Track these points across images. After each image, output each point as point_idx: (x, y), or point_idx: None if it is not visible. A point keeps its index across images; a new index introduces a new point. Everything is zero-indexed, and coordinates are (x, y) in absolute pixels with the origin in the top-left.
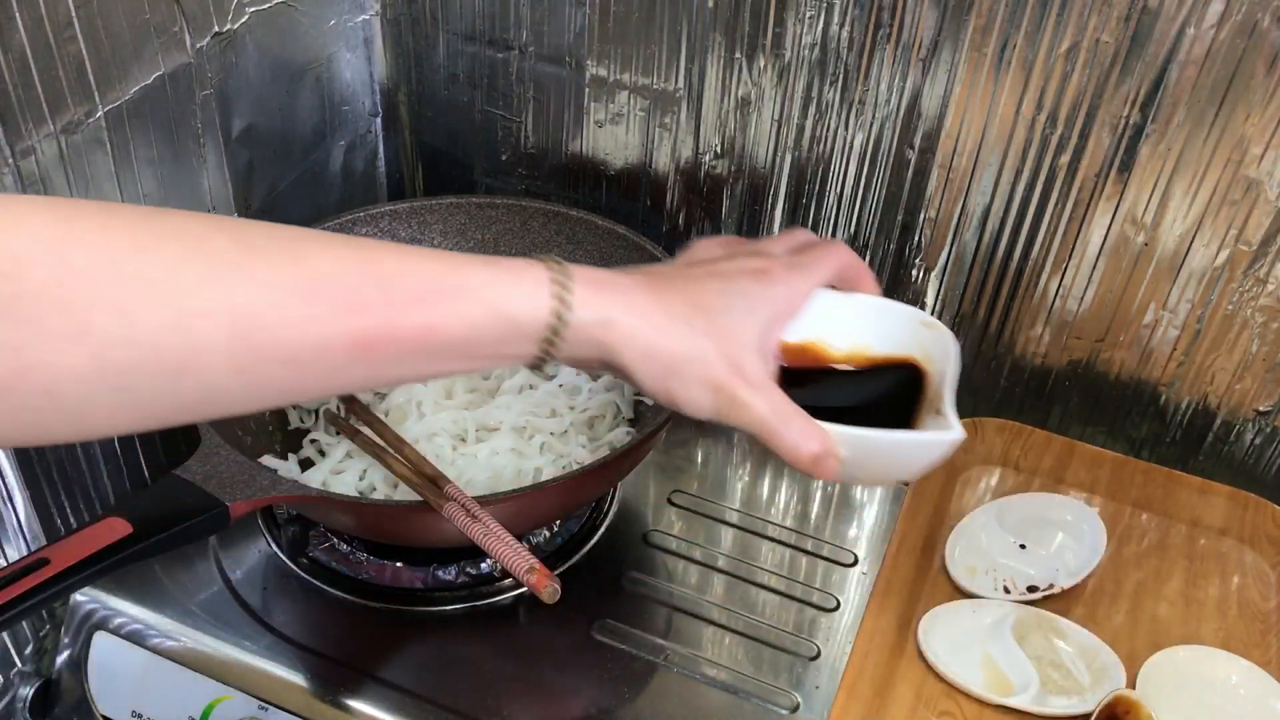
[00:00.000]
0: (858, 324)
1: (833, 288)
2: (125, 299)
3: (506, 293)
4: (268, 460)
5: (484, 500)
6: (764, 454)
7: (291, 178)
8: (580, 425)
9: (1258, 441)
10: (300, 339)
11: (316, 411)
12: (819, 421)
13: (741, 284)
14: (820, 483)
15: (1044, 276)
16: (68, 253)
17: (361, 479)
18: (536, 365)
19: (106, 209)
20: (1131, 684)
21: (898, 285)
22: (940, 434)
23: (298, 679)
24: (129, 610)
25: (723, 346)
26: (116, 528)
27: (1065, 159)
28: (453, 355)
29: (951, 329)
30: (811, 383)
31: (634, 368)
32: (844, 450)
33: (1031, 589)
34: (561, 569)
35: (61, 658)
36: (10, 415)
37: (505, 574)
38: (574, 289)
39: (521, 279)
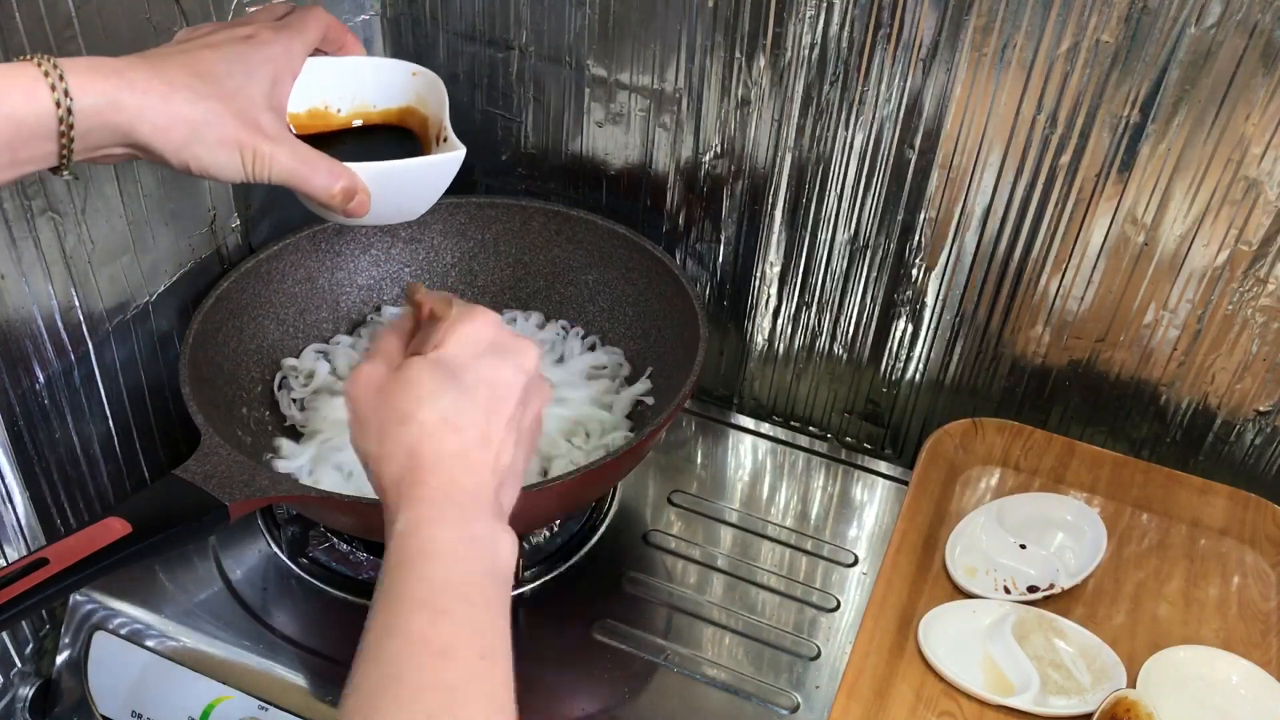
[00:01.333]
0: (354, 84)
1: (322, 54)
2: None
3: (2, 95)
4: (278, 460)
5: None
6: (764, 455)
7: None
8: (572, 427)
9: (1258, 441)
10: None
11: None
12: (340, 162)
13: (235, 49)
14: (820, 482)
15: (1044, 276)
16: None
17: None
18: (61, 167)
19: None
20: (1132, 684)
21: (898, 285)
22: (447, 154)
23: (298, 679)
24: (129, 610)
25: (233, 106)
26: (116, 528)
27: (1065, 159)
28: None
29: (952, 329)
30: (325, 146)
31: (154, 142)
32: (370, 184)
33: (1032, 589)
34: (561, 569)
35: (61, 658)
36: None
37: None
38: (69, 79)
39: (16, 79)
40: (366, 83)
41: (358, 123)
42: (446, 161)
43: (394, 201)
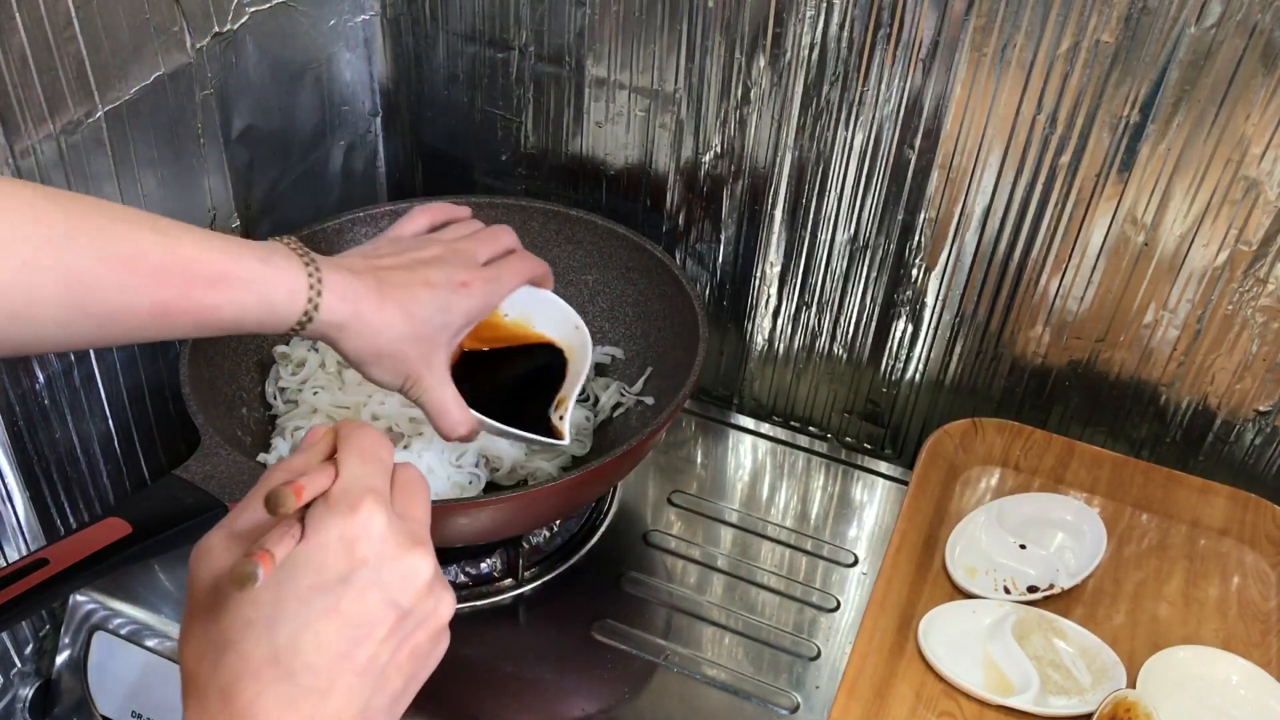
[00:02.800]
0: (529, 305)
1: None
2: None
3: (273, 290)
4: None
5: (485, 501)
6: (764, 455)
7: (291, 178)
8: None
9: (1258, 442)
10: (118, 302)
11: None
12: (470, 411)
13: (447, 297)
14: (820, 482)
15: (1044, 276)
16: None
17: None
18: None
19: None
20: (1132, 684)
21: (898, 285)
22: (552, 441)
23: None
24: (129, 610)
25: (421, 349)
26: (116, 528)
27: (1065, 159)
28: (219, 329)
29: (952, 329)
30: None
31: (348, 353)
32: (484, 430)
33: (1032, 589)
34: (561, 569)
35: (61, 658)
36: None
37: (506, 573)
38: (324, 294)
39: (286, 277)
40: (538, 308)
41: (510, 317)
42: (548, 444)
43: (501, 444)
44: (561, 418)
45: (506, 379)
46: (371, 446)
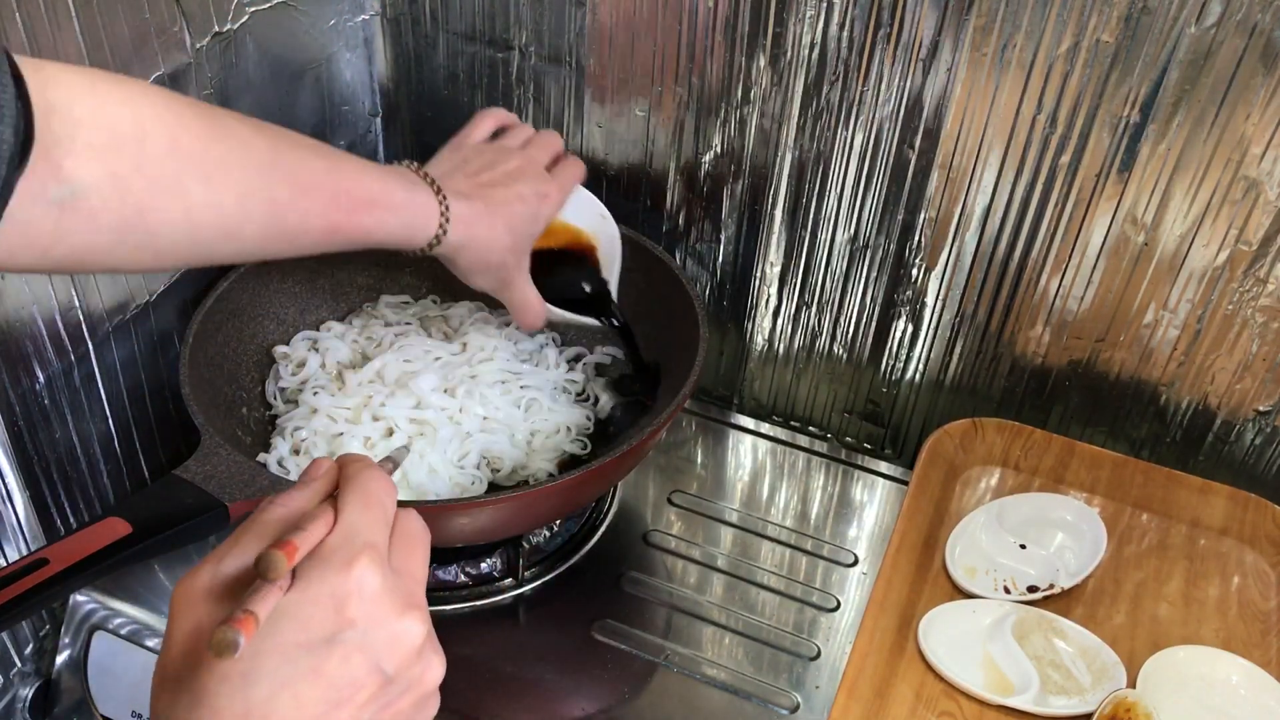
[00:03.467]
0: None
1: None
2: (210, 175)
3: (416, 214)
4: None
5: (486, 501)
6: (764, 455)
7: None
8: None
9: (1258, 441)
10: (301, 221)
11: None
12: (546, 304)
13: (535, 208)
14: (820, 482)
15: (1044, 276)
16: (178, 133)
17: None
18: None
19: (192, 102)
20: (1132, 684)
21: (898, 285)
22: (598, 321)
23: None
24: (129, 610)
25: (516, 257)
26: (116, 528)
27: (1065, 159)
28: (371, 243)
29: (952, 329)
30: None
31: (461, 265)
32: (552, 319)
33: (1032, 589)
34: (561, 569)
35: (61, 658)
36: (125, 250)
37: (506, 573)
38: (452, 219)
39: (425, 205)
40: (570, 200)
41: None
42: (596, 327)
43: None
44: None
45: (557, 271)
46: (375, 492)
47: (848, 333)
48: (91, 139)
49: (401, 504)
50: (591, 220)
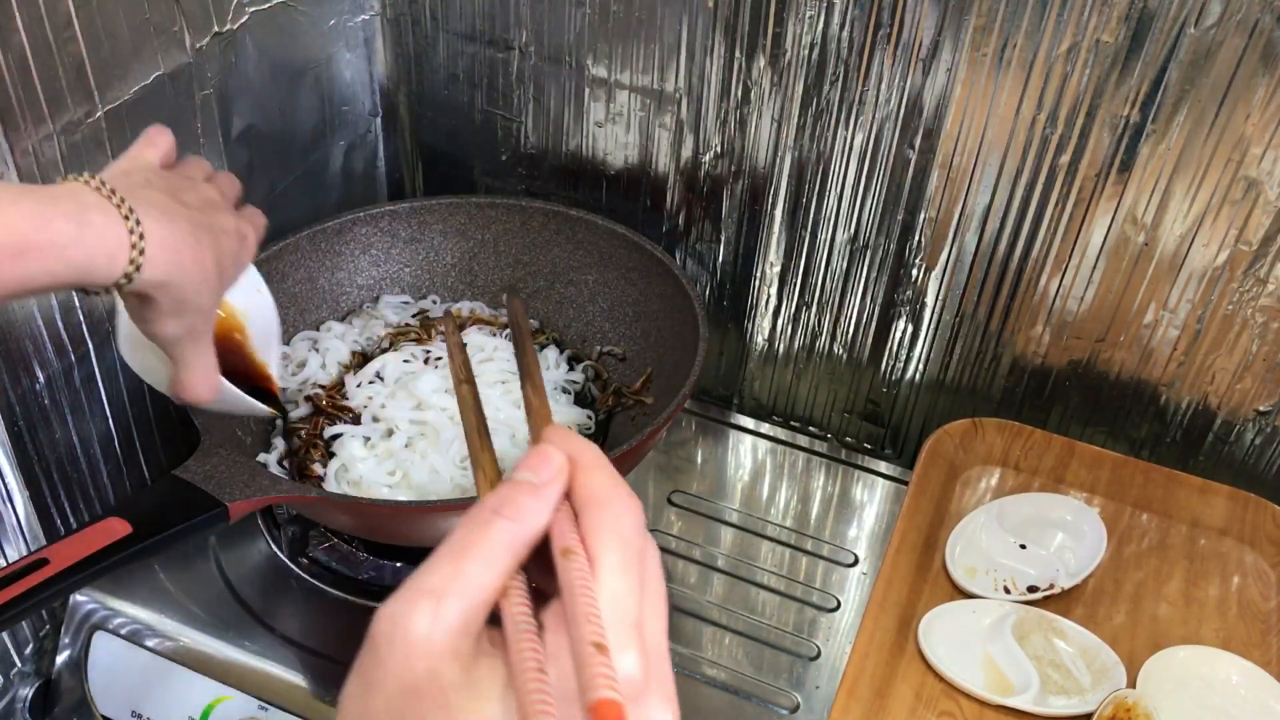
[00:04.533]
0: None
1: None
2: None
3: (90, 255)
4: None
5: None
6: (764, 455)
7: (291, 178)
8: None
9: (1258, 441)
10: None
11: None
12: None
13: (236, 249)
14: (820, 482)
15: (1044, 276)
16: None
17: (393, 474)
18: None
19: None
20: (1132, 684)
21: (898, 285)
22: (265, 408)
23: (298, 679)
24: (129, 610)
25: (213, 300)
26: (116, 528)
27: (1065, 159)
28: (32, 293)
29: (952, 329)
30: None
31: (160, 304)
32: (221, 395)
33: (1032, 589)
34: None
35: (61, 658)
36: None
37: None
38: (147, 250)
39: (103, 242)
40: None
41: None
42: (261, 413)
43: (222, 406)
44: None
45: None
46: (629, 536)
47: (848, 333)
48: None
49: (403, 504)
50: (246, 295)
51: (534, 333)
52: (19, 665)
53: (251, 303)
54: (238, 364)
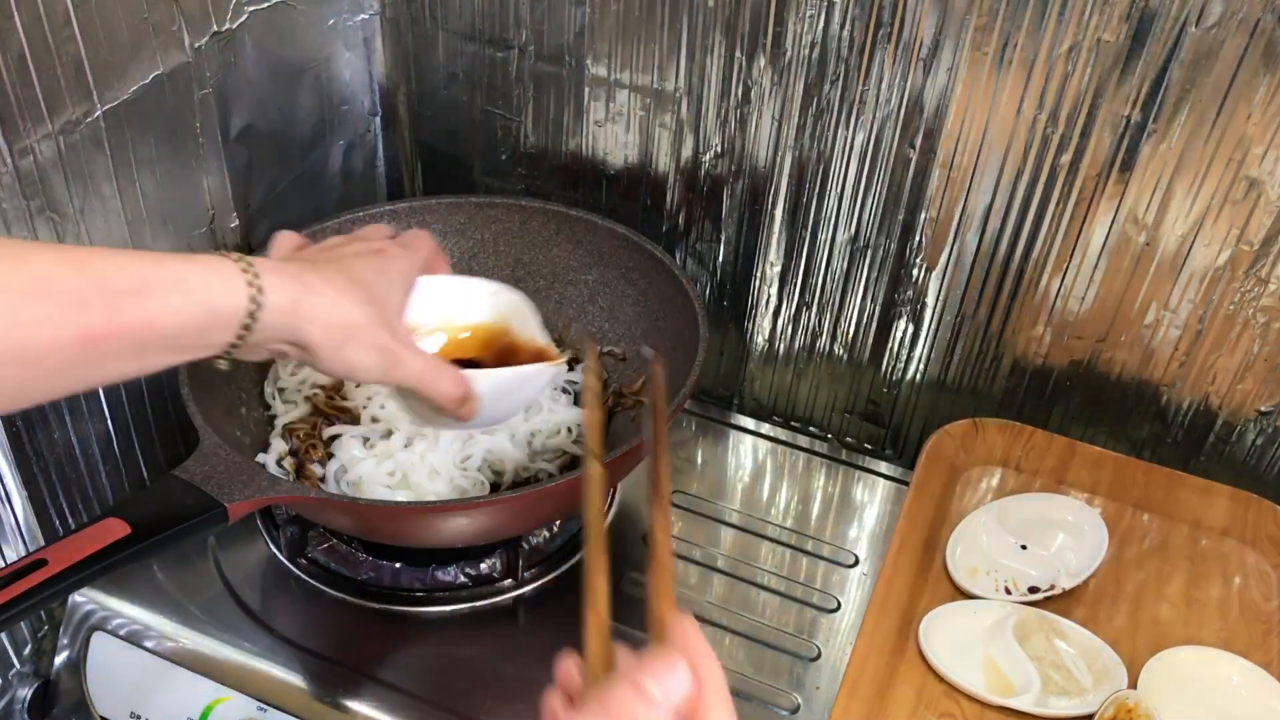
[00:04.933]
0: (441, 301)
1: None
2: None
3: (207, 284)
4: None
5: (485, 501)
6: (764, 455)
7: (291, 178)
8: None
9: (1259, 442)
10: (33, 338)
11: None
12: (460, 370)
13: (374, 261)
14: (820, 483)
15: (1045, 276)
16: None
17: (392, 475)
18: (228, 353)
19: None
20: (1133, 685)
21: (898, 285)
22: (545, 366)
23: (297, 680)
24: (128, 611)
25: (382, 313)
26: (115, 528)
27: (1066, 159)
28: (162, 348)
29: (952, 329)
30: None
31: (317, 342)
32: (480, 389)
33: (1033, 590)
34: (562, 569)
35: (60, 659)
36: None
37: (506, 574)
38: (265, 278)
39: (218, 271)
40: (452, 300)
41: (440, 337)
42: (543, 372)
43: (492, 408)
44: (541, 350)
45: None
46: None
47: (848, 333)
48: None
49: (403, 505)
50: (490, 306)
51: None
52: (17, 666)
53: (498, 305)
54: (521, 360)
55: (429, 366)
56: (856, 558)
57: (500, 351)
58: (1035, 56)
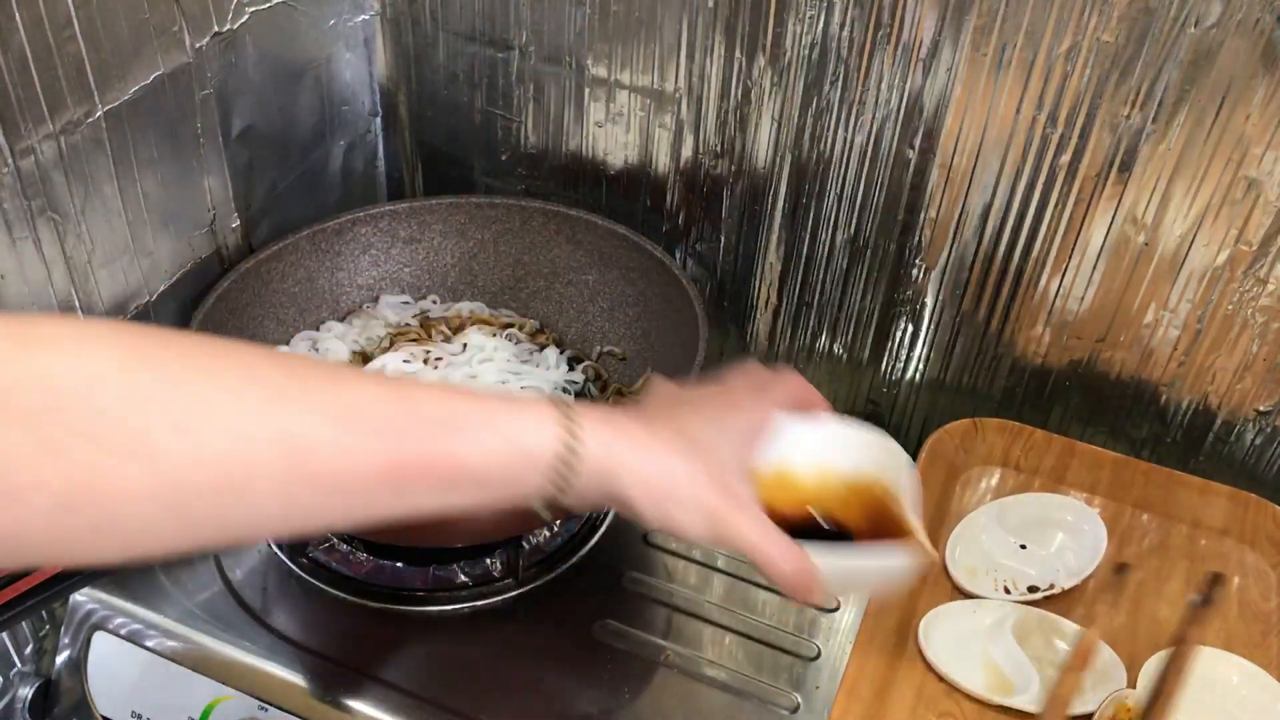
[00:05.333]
0: (819, 445)
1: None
2: (188, 421)
3: (521, 424)
4: None
5: None
6: None
7: (291, 178)
8: None
9: (1258, 441)
10: (343, 465)
11: None
12: (800, 543)
13: (715, 411)
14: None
15: (1044, 276)
16: (135, 375)
17: None
18: (547, 504)
19: (166, 335)
20: (1132, 684)
21: (898, 285)
22: (905, 560)
23: (297, 679)
24: (129, 610)
25: (710, 469)
26: None
27: (1065, 159)
28: (471, 485)
29: (952, 329)
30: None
31: (636, 496)
32: (823, 570)
33: (1032, 589)
34: (561, 569)
35: (61, 658)
36: (73, 535)
37: (506, 574)
38: (581, 423)
39: (532, 412)
40: (830, 444)
41: (800, 483)
42: (904, 567)
43: (847, 585)
44: (908, 531)
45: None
46: None
47: (848, 333)
48: (22, 402)
49: None
50: (863, 457)
51: (534, 333)
52: (19, 665)
53: (873, 458)
54: (886, 532)
55: (763, 537)
56: None
57: (866, 513)
58: (1035, 57)
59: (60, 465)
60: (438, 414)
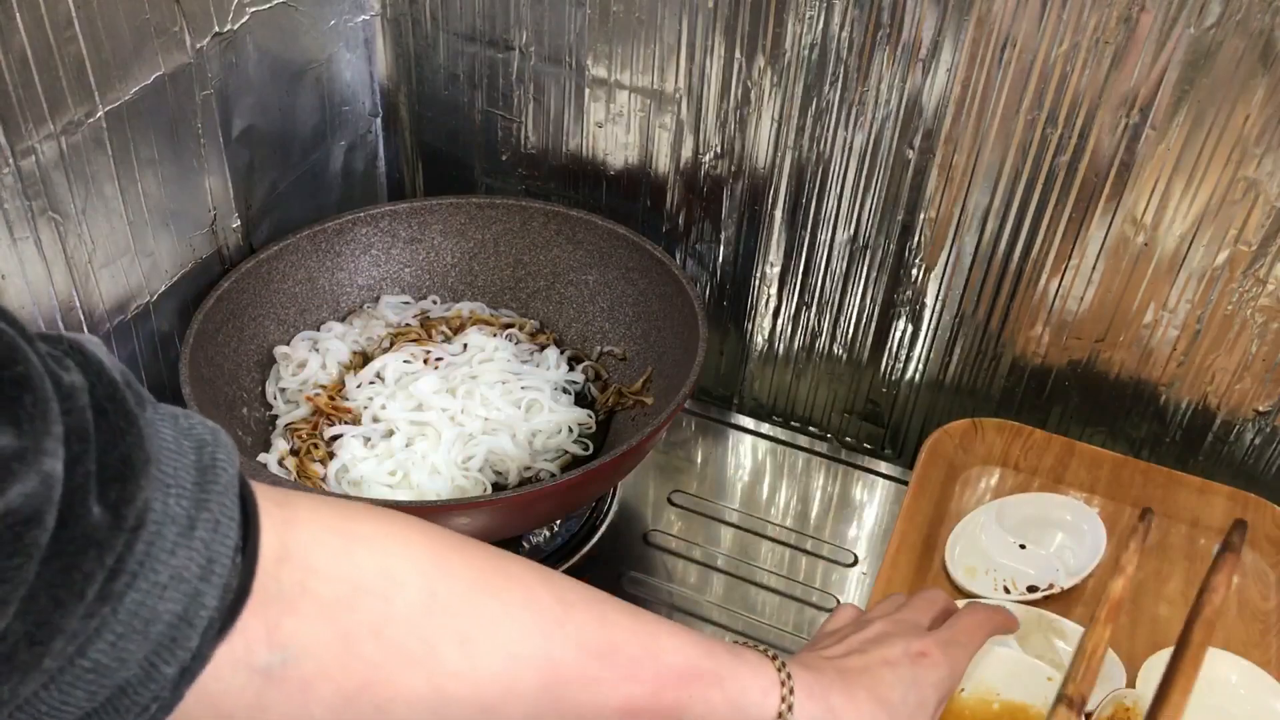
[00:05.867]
0: (989, 667)
1: None
2: (471, 636)
3: (745, 687)
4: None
5: (485, 500)
6: (764, 455)
7: (291, 178)
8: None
9: (1257, 442)
10: (588, 699)
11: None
12: None
13: (911, 672)
14: (820, 482)
15: (1044, 276)
16: (435, 584)
17: (393, 474)
18: None
19: (464, 545)
20: (1132, 684)
21: (898, 285)
22: None
23: None
24: None
25: None
26: None
27: (1065, 159)
28: None
29: (951, 329)
30: None
31: None
32: None
33: (1031, 589)
34: (562, 569)
35: None
36: None
37: None
38: (796, 689)
39: (758, 676)
40: (997, 667)
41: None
42: None
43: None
44: None
45: None
46: None
47: (848, 333)
48: (325, 592)
49: (402, 504)
50: (1029, 688)
51: (534, 333)
52: None
53: (1043, 688)
54: None
55: None
56: (856, 557)
57: None
58: (1034, 57)
59: (348, 660)
60: (676, 663)
